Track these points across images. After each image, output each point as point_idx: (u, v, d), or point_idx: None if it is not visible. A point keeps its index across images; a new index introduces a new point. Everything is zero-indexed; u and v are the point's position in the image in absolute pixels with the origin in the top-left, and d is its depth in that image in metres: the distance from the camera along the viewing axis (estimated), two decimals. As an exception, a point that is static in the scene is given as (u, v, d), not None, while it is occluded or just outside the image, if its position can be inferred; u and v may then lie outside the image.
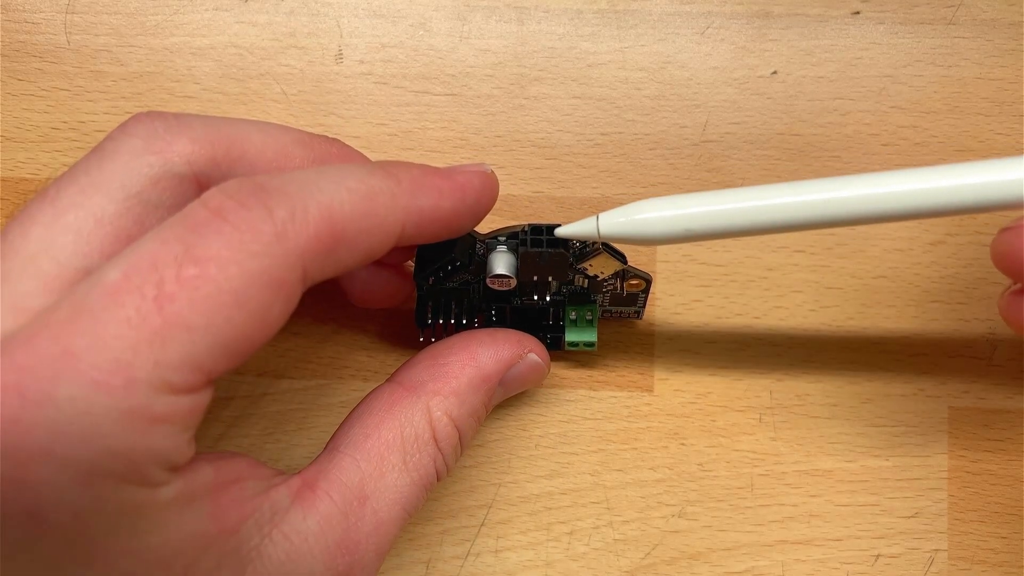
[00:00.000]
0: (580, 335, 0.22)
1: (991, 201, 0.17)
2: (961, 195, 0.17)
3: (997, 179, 0.17)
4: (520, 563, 0.22)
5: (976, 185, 0.17)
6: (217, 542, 0.15)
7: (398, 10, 0.25)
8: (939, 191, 0.17)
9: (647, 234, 0.18)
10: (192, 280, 0.14)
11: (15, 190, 0.24)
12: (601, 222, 0.18)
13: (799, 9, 0.25)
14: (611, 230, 0.18)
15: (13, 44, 0.25)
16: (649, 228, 0.18)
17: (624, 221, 0.18)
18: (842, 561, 0.22)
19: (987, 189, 0.17)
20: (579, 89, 0.25)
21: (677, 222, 0.18)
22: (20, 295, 0.15)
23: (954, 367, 0.23)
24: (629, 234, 0.18)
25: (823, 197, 0.17)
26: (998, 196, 0.17)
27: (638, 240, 0.18)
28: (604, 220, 0.18)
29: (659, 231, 0.18)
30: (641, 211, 0.18)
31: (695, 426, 0.23)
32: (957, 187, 0.17)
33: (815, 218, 0.17)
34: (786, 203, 0.17)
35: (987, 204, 0.17)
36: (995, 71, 0.24)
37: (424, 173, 0.17)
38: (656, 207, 0.18)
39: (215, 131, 0.17)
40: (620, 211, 0.18)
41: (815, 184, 0.17)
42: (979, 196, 0.17)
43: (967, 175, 0.17)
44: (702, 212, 0.18)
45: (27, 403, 0.13)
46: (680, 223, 0.18)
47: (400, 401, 0.19)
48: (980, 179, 0.17)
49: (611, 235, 0.18)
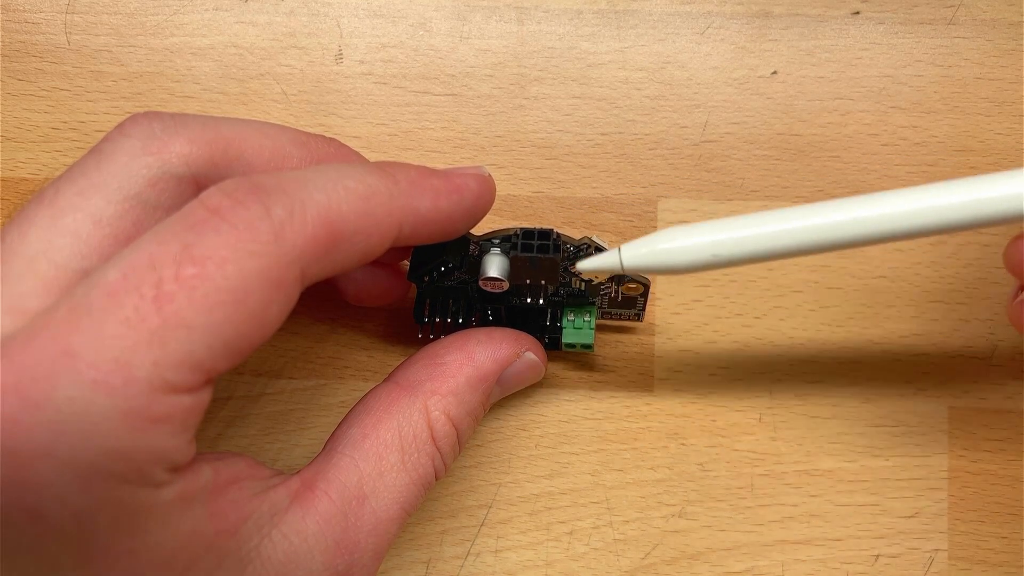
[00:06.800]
0: (577, 337, 0.22)
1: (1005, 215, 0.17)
2: (994, 208, 0.16)
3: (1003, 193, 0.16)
4: (520, 563, 0.22)
5: (1007, 197, 0.16)
6: (216, 542, 0.15)
7: (398, 10, 0.25)
8: (963, 206, 0.16)
9: (672, 264, 0.17)
10: (190, 280, 0.14)
11: (15, 190, 0.24)
12: (624, 255, 0.18)
13: (799, 9, 0.25)
14: (635, 262, 0.18)
15: (13, 44, 0.25)
16: (674, 258, 0.17)
17: (647, 252, 0.17)
18: (842, 561, 0.22)
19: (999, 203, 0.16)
20: (579, 89, 0.25)
21: (702, 250, 0.17)
22: (19, 296, 0.15)
23: (954, 367, 0.23)
24: (653, 265, 0.17)
25: (846, 218, 0.17)
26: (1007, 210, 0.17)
27: (663, 271, 0.17)
28: (627, 252, 0.18)
29: (684, 261, 0.17)
30: (664, 241, 0.17)
31: (695, 426, 0.23)
32: (985, 200, 0.16)
33: (842, 239, 0.17)
34: (813, 225, 0.17)
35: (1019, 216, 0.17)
36: (995, 71, 0.24)
37: (421, 174, 0.17)
38: (679, 236, 0.17)
39: (212, 131, 0.17)
40: (642, 242, 0.17)
41: (838, 205, 0.17)
42: (1008, 208, 0.17)
43: (997, 187, 0.17)
44: (726, 239, 0.17)
45: (27, 404, 0.13)
46: (705, 251, 0.17)
47: (398, 401, 0.19)
48: (1009, 191, 0.16)
49: (635, 267, 0.18)
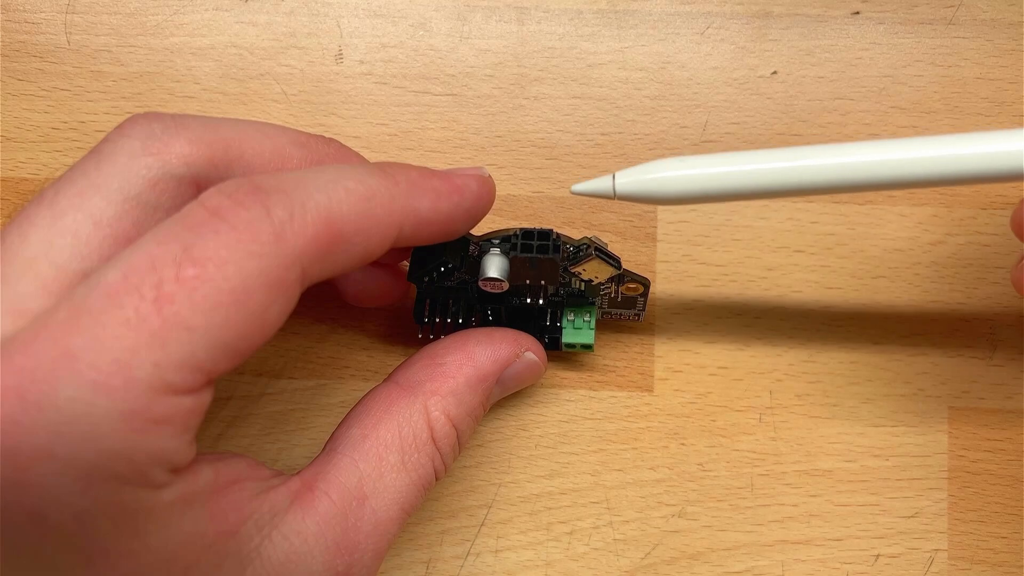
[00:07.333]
0: (577, 337, 0.22)
1: (997, 171, 0.17)
2: (968, 164, 0.17)
3: (1006, 148, 0.17)
4: (520, 563, 0.22)
5: (986, 154, 0.17)
6: (217, 543, 0.15)
7: (398, 10, 0.25)
8: (947, 159, 0.17)
9: (663, 193, 0.18)
10: (191, 281, 0.14)
11: (15, 190, 0.24)
12: (617, 180, 0.18)
13: (799, 9, 0.25)
14: (627, 188, 0.18)
15: (13, 44, 0.25)
16: (665, 187, 0.18)
17: (640, 179, 0.18)
18: (842, 561, 0.22)
19: (994, 159, 0.17)
20: (579, 89, 0.25)
21: (693, 181, 0.18)
22: (19, 297, 0.15)
23: (954, 367, 0.23)
24: (644, 192, 0.18)
25: (837, 161, 0.17)
26: (1005, 165, 0.17)
27: (655, 199, 0.18)
28: (620, 178, 0.18)
29: (675, 190, 0.18)
30: (657, 170, 0.18)
31: (695, 426, 0.23)
32: (966, 156, 0.17)
33: (829, 181, 0.17)
34: (801, 165, 0.17)
35: (993, 173, 0.17)
36: (995, 71, 0.24)
37: (422, 175, 0.17)
38: (672, 167, 0.18)
39: (212, 132, 0.17)
40: (636, 169, 0.18)
41: (829, 149, 0.17)
42: (985, 165, 0.17)
43: (976, 144, 0.17)
44: (719, 172, 0.18)
45: (27, 405, 0.13)
46: (696, 183, 0.18)
47: (398, 401, 0.19)
48: (990, 148, 0.17)
49: (627, 193, 0.18)
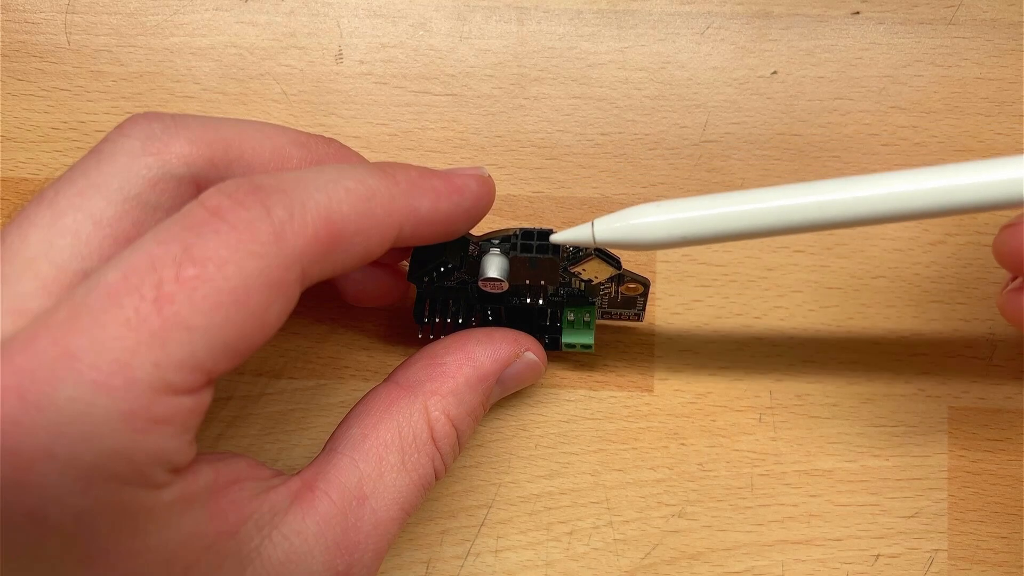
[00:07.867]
0: (577, 337, 0.22)
1: (991, 200, 0.17)
2: (958, 196, 0.17)
3: (997, 178, 0.16)
4: (520, 563, 0.22)
5: (974, 185, 0.17)
6: (217, 543, 0.15)
7: (398, 10, 0.25)
8: (937, 192, 0.17)
9: (643, 239, 0.17)
10: (191, 281, 0.14)
11: (15, 190, 0.24)
12: (596, 228, 0.18)
13: (799, 9, 0.25)
14: (607, 236, 0.18)
15: (13, 44, 0.25)
16: (645, 233, 0.17)
17: (620, 227, 0.18)
18: (842, 561, 0.22)
19: (987, 189, 0.17)
20: (579, 89, 0.25)
21: (674, 227, 0.17)
22: (19, 297, 0.15)
23: (954, 367, 0.23)
24: (625, 240, 0.18)
25: (820, 199, 0.17)
26: (998, 195, 0.17)
27: (635, 246, 0.18)
28: (599, 226, 0.18)
29: (655, 236, 0.17)
30: (636, 216, 0.17)
31: (695, 426, 0.23)
32: (954, 187, 0.17)
33: (812, 221, 0.17)
34: (783, 206, 0.17)
35: (987, 203, 0.17)
36: (995, 71, 0.24)
37: (421, 175, 0.17)
38: (652, 212, 0.17)
39: (212, 132, 0.17)
40: (615, 216, 0.18)
41: (812, 187, 0.17)
42: (978, 196, 0.17)
43: (963, 175, 0.17)
44: (699, 216, 0.17)
45: (27, 405, 0.13)
46: (677, 228, 0.17)
47: (398, 401, 0.19)
48: (979, 179, 0.17)
49: (607, 241, 0.18)
